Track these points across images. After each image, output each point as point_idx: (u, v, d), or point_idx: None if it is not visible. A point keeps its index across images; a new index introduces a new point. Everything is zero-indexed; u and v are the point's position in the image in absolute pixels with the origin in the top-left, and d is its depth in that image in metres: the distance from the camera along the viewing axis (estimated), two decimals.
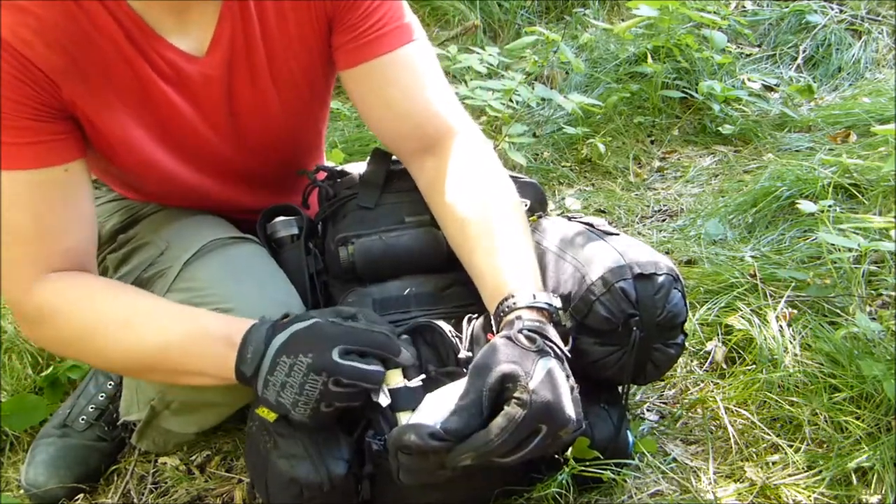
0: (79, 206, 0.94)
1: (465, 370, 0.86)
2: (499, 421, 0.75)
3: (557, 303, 0.89)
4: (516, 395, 0.75)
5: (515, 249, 0.94)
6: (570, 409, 0.78)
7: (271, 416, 0.89)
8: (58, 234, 0.91)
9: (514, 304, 0.86)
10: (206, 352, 0.87)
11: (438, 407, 0.80)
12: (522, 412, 0.74)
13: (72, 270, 0.93)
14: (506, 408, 0.76)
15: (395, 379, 0.88)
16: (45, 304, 0.91)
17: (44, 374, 1.40)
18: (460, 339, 0.97)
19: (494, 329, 0.89)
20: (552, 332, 0.84)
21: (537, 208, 1.20)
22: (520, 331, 0.82)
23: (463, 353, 0.95)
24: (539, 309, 0.86)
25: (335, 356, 0.81)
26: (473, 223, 0.96)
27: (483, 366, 0.79)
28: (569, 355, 0.84)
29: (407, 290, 1.04)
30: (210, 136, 1.03)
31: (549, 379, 0.77)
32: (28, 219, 0.89)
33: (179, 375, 0.92)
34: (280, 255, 1.11)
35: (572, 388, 0.81)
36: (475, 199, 0.98)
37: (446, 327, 0.98)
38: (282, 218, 1.14)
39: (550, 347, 0.82)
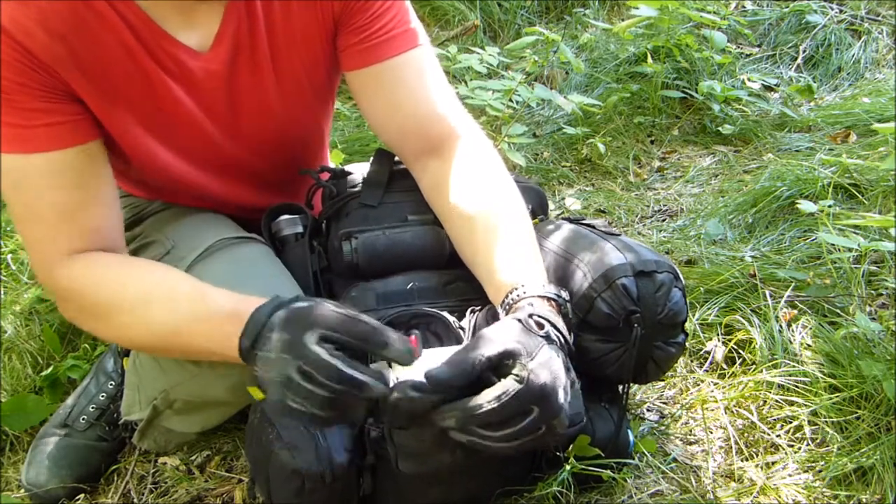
0: (98, 185, 0.94)
1: None
2: (492, 390, 0.74)
3: (566, 294, 0.89)
4: (515, 371, 0.75)
5: (522, 244, 0.94)
6: (564, 400, 0.76)
7: (260, 396, 0.88)
8: (79, 214, 0.92)
9: (524, 293, 0.86)
10: (214, 329, 0.86)
11: (432, 362, 0.79)
12: (518, 387, 0.73)
13: (100, 250, 0.94)
14: (502, 380, 0.75)
15: (405, 372, 0.87)
16: (71, 282, 0.92)
17: (44, 374, 1.40)
18: (464, 330, 0.98)
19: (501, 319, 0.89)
20: (561, 323, 0.84)
21: (539, 212, 1.21)
22: (530, 315, 0.81)
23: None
24: (548, 299, 0.86)
25: (308, 339, 0.75)
26: (478, 220, 0.96)
27: (488, 337, 0.78)
28: (573, 348, 0.84)
29: (410, 285, 1.04)
30: (212, 130, 1.03)
31: (550, 365, 0.76)
32: (49, 201, 0.90)
33: (191, 354, 0.92)
34: (284, 253, 1.12)
35: (573, 383, 0.80)
36: (479, 197, 0.98)
37: (450, 318, 0.98)
38: (286, 216, 1.14)
39: (557, 338, 0.81)
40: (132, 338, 0.94)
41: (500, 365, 0.76)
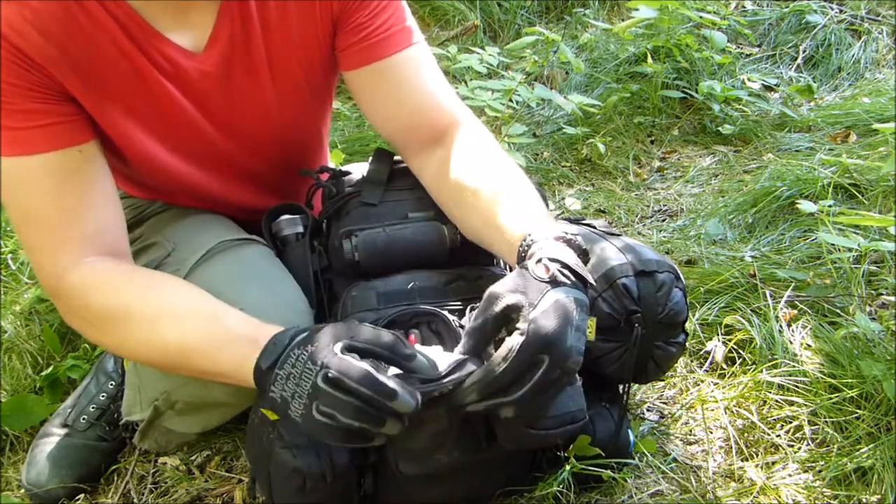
0: (98, 186, 0.93)
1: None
2: (500, 351, 0.75)
3: (576, 229, 0.86)
4: (518, 325, 0.75)
5: (528, 202, 0.94)
6: (573, 341, 0.75)
7: (273, 417, 0.88)
8: (80, 215, 0.91)
9: (535, 238, 0.85)
10: (228, 352, 0.85)
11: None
12: (521, 340, 0.73)
13: (105, 255, 0.92)
14: (507, 338, 0.75)
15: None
16: (75, 292, 0.90)
17: (44, 374, 1.40)
18: (464, 329, 0.97)
19: None
20: (572, 259, 0.81)
21: None
22: (538, 261, 0.79)
23: None
24: (559, 238, 0.84)
25: (335, 347, 0.75)
26: (484, 189, 0.96)
27: (493, 294, 0.78)
28: (592, 282, 0.81)
29: (411, 284, 1.04)
30: (209, 131, 1.03)
31: (554, 310, 0.75)
32: (49, 203, 0.89)
33: (197, 374, 0.91)
34: (284, 253, 1.12)
35: (582, 329, 0.78)
36: (483, 171, 0.99)
37: (451, 317, 0.98)
38: (286, 216, 1.14)
39: (567, 276, 0.78)
40: (137, 353, 0.93)
41: (507, 320, 0.77)
